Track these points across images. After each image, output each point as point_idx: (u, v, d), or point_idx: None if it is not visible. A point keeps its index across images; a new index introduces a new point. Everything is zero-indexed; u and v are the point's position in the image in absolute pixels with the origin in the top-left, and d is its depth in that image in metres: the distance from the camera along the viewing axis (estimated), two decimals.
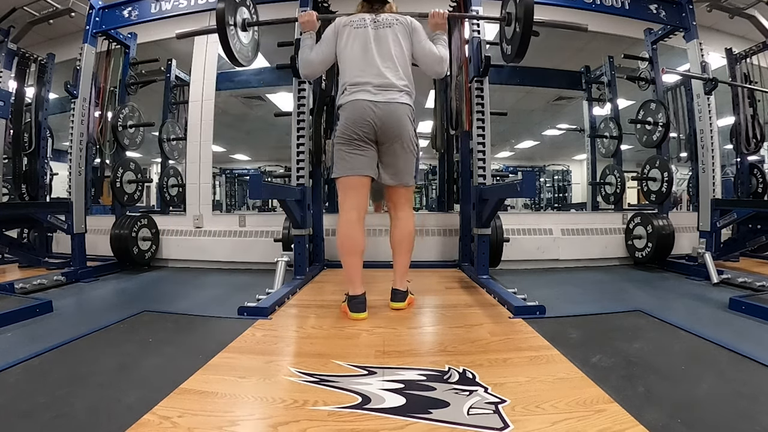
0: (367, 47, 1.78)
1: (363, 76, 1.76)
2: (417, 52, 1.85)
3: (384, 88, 1.75)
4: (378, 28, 1.81)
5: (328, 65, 1.94)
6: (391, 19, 1.83)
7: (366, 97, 1.74)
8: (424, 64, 1.87)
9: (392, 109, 1.75)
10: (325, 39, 1.87)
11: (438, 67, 1.84)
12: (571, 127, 6.73)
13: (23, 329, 1.72)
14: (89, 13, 2.98)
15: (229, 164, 9.14)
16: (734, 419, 0.87)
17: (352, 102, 1.76)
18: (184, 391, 1.02)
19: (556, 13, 3.55)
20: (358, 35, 1.80)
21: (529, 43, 1.81)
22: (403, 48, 1.82)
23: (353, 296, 1.73)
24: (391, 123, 1.75)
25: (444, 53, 1.84)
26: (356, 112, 1.75)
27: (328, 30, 1.87)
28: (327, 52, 1.86)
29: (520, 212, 4.92)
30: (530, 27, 1.77)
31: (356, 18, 1.84)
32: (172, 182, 3.97)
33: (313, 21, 1.90)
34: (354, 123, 1.75)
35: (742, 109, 3.40)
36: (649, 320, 1.61)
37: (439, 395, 1.00)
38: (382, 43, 1.79)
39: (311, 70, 1.92)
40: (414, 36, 1.84)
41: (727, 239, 3.16)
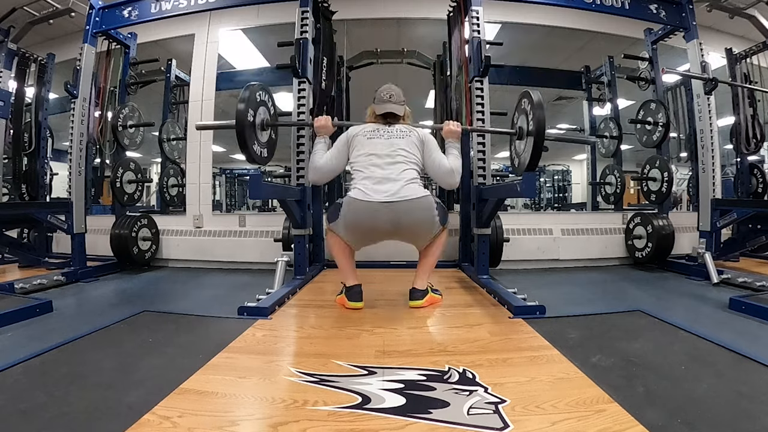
0: (380, 155, 1.80)
1: (375, 172, 1.77)
2: (428, 164, 1.87)
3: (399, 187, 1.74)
4: (391, 138, 1.84)
5: (336, 173, 1.97)
6: (405, 131, 1.87)
7: (378, 198, 1.72)
8: (435, 176, 1.90)
9: (412, 206, 1.74)
10: (337, 146, 1.90)
11: (450, 179, 1.85)
12: (571, 127, 6.72)
13: (23, 329, 1.72)
14: (89, 13, 2.98)
15: (229, 164, 9.12)
16: (734, 419, 0.87)
17: (363, 202, 1.72)
18: (184, 391, 1.02)
19: (556, 13, 3.57)
20: (371, 144, 1.83)
21: (541, 156, 1.82)
22: (416, 157, 1.84)
23: (350, 287, 1.83)
24: (414, 221, 1.76)
25: (455, 164, 1.85)
26: (367, 213, 1.73)
27: (341, 139, 1.91)
28: (338, 160, 1.89)
29: (520, 212, 4.91)
30: (542, 142, 1.79)
31: (369, 128, 1.88)
32: (172, 182, 3.97)
33: (329, 126, 1.96)
34: (363, 224, 1.76)
35: (742, 109, 3.39)
36: (649, 320, 1.61)
37: (439, 395, 0.99)
38: (394, 150, 1.81)
39: (320, 176, 1.94)
40: (425, 148, 1.87)
41: (727, 239, 3.16)
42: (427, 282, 1.91)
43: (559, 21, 3.66)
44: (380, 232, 1.79)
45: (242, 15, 3.58)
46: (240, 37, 3.85)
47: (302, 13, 2.49)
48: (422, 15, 3.69)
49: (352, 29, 3.70)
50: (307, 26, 2.48)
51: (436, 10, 3.35)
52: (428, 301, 1.87)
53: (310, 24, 2.52)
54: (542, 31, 3.80)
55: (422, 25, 3.86)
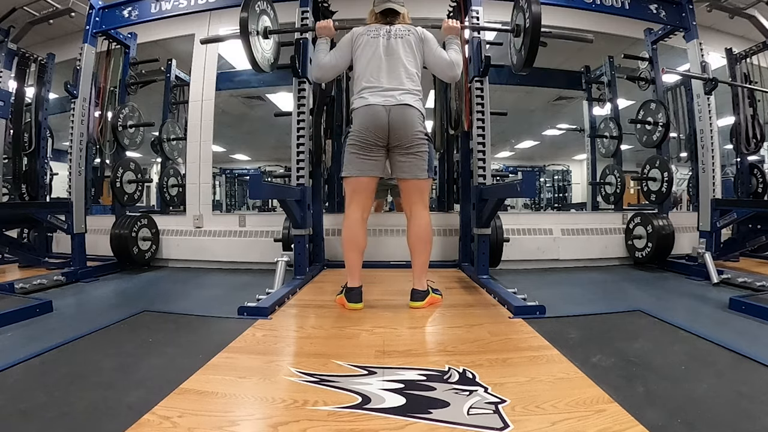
0: (381, 55, 1.87)
1: (376, 81, 1.86)
2: (429, 59, 1.93)
3: (395, 92, 1.83)
4: (391, 38, 1.90)
5: (339, 71, 2.06)
6: (404, 30, 1.92)
7: (379, 101, 1.81)
8: (436, 70, 1.96)
9: (403, 111, 1.82)
10: (340, 46, 1.96)
11: (450, 71, 1.92)
12: (571, 127, 6.73)
13: (23, 329, 1.71)
14: (89, 13, 2.97)
15: (229, 164, 9.13)
16: (734, 419, 0.87)
17: (366, 107, 1.83)
18: (184, 391, 1.02)
19: (556, 13, 3.55)
20: (373, 44, 1.90)
21: (537, 52, 1.88)
22: (415, 56, 1.90)
23: (351, 288, 1.85)
24: (402, 126, 1.82)
25: (456, 57, 1.91)
26: (369, 116, 1.82)
27: (345, 38, 1.97)
28: (341, 58, 1.95)
29: (520, 212, 4.92)
30: (538, 38, 1.83)
31: (372, 28, 1.93)
32: (172, 182, 3.97)
33: (330, 28, 2.02)
34: (367, 128, 1.82)
35: (742, 109, 3.39)
36: (649, 320, 1.61)
37: (439, 395, 0.99)
38: (394, 52, 1.88)
39: (323, 73, 2.01)
40: (425, 45, 1.92)
41: (727, 239, 3.16)
42: (426, 281, 1.91)
43: (559, 21, 3.65)
44: (379, 131, 1.81)
45: None
46: None
47: (302, 13, 2.49)
48: (422, 15, 3.67)
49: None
50: (307, 26, 2.48)
51: (436, 10, 3.34)
52: (429, 302, 1.87)
53: (310, 24, 2.52)
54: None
55: (422, 25, 3.85)
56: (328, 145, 3.14)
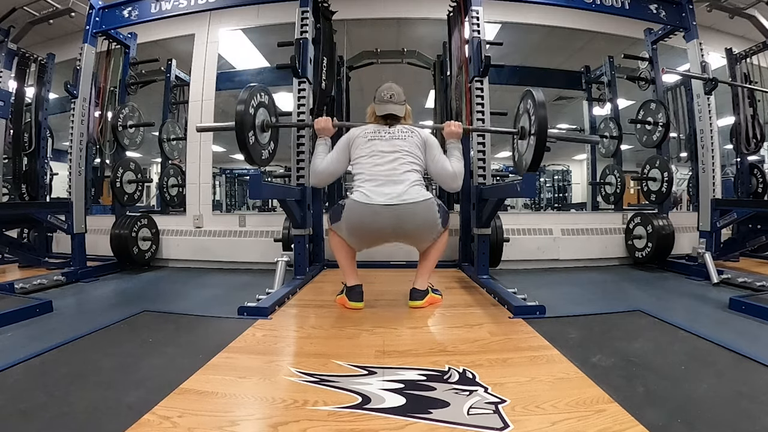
0: (382, 155, 1.80)
1: (377, 174, 1.77)
2: (431, 166, 1.86)
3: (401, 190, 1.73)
4: (392, 139, 1.83)
5: (337, 176, 1.96)
6: (406, 132, 1.86)
7: (380, 200, 1.71)
8: (438, 179, 1.90)
9: (415, 210, 1.73)
10: (338, 148, 1.89)
11: (453, 183, 1.85)
12: (571, 127, 6.72)
13: (23, 329, 1.71)
14: (89, 13, 2.97)
15: (229, 164, 9.12)
16: (734, 419, 0.87)
17: (365, 205, 1.72)
18: (184, 391, 1.02)
19: (556, 13, 3.57)
20: (373, 145, 1.83)
21: (543, 156, 1.82)
22: (418, 158, 1.83)
23: (351, 287, 1.84)
24: (416, 224, 1.76)
25: (458, 168, 1.84)
26: (370, 217, 1.73)
27: (342, 140, 1.90)
28: (339, 162, 1.88)
29: (520, 212, 4.91)
30: (544, 143, 1.78)
31: (371, 129, 1.87)
32: (172, 182, 3.97)
33: (329, 128, 1.94)
34: (365, 227, 1.76)
35: (742, 109, 3.39)
36: (649, 320, 1.61)
37: (439, 395, 0.99)
38: (395, 149, 1.81)
39: (319, 180, 1.93)
40: (428, 150, 1.86)
41: (727, 239, 3.16)
42: (427, 282, 1.91)
43: (559, 21, 3.66)
44: (382, 234, 1.79)
45: (242, 15, 3.58)
46: (240, 37, 3.84)
47: (302, 13, 2.49)
48: (422, 15, 3.68)
49: (352, 29, 3.70)
50: (307, 26, 2.48)
51: (436, 10, 3.35)
52: (428, 302, 1.88)
53: (310, 24, 2.53)
54: (542, 31, 3.80)
55: (422, 25, 3.86)
56: None
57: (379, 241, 1.86)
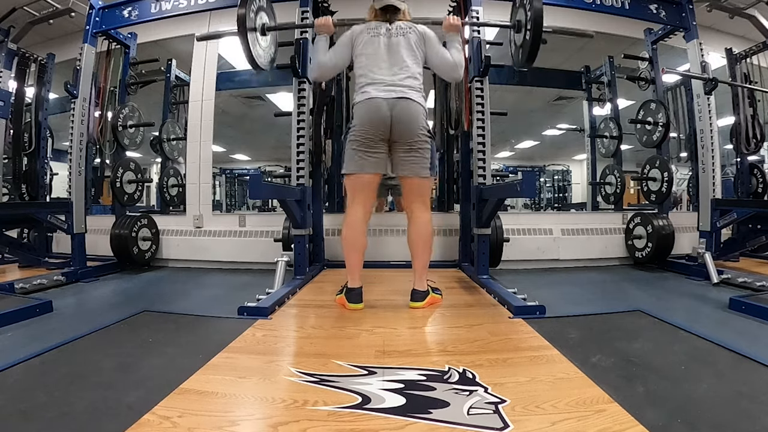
0: (382, 53, 1.84)
1: (377, 76, 1.82)
2: (431, 59, 1.90)
3: (398, 87, 1.80)
4: (392, 36, 1.87)
5: (339, 70, 2.01)
6: (405, 28, 1.89)
7: (381, 94, 1.79)
8: (439, 71, 1.93)
9: (406, 105, 1.79)
10: (340, 43, 1.92)
11: (453, 73, 1.90)
12: (571, 127, 6.72)
13: (23, 329, 1.71)
14: (89, 13, 2.97)
15: (229, 164, 9.13)
16: (734, 419, 0.87)
17: (367, 101, 1.80)
18: (184, 391, 1.02)
19: (556, 13, 3.55)
20: (374, 42, 1.87)
21: (539, 48, 1.86)
22: (417, 54, 1.87)
23: (351, 288, 1.84)
24: (404, 120, 1.80)
25: (458, 58, 1.88)
26: (371, 110, 1.79)
27: (344, 36, 1.93)
28: (341, 56, 1.92)
29: (520, 212, 4.92)
30: (540, 33, 1.82)
31: (372, 25, 1.90)
32: (172, 182, 3.97)
33: (329, 25, 1.97)
34: (368, 122, 1.80)
35: (742, 109, 3.39)
36: (649, 320, 1.61)
37: (439, 395, 0.99)
38: (396, 49, 1.85)
39: (322, 72, 1.98)
40: (427, 44, 1.89)
41: (727, 239, 3.16)
42: (426, 281, 1.91)
43: (559, 21, 3.64)
44: (383, 125, 1.78)
45: None
46: None
47: (302, 13, 2.50)
48: (422, 15, 3.65)
49: None
50: (307, 23, 2.47)
51: (436, 10, 3.34)
52: (429, 302, 1.87)
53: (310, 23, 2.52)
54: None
55: (422, 23, 3.85)
56: (328, 145, 3.14)
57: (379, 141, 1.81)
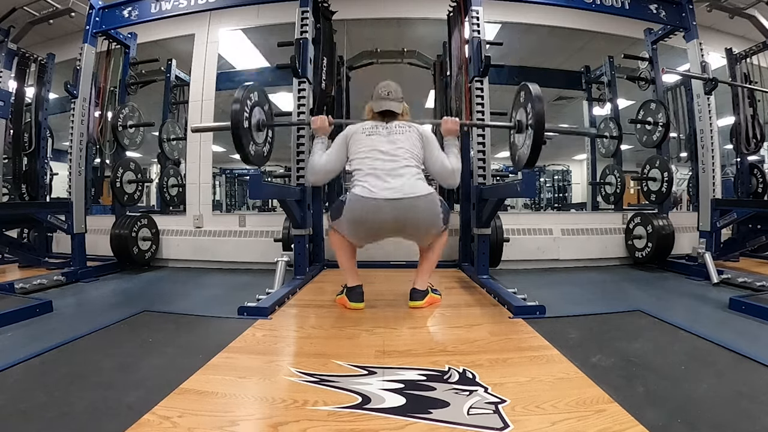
0: (382, 144, 1.79)
1: (377, 165, 1.75)
2: (429, 163, 1.85)
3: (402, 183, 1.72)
4: (390, 134, 1.82)
5: (335, 174, 1.95)
6: (404, 126, 1.85)
7: (383, 194, 1.69)
8: (436, 175, 1.89)
9: (417, 204, 1.72)
10: (335, 146, 1.88)
11: (451, 180, 1.86)
12: (571, 127, 6.72)
13: (23, 329, 1.71)
14: (89, 13, 2.97)
15: (229, 164, 9.13)
16: (734, 419, 0.87)
17: (367, 199, 1.70)
18: (184, 391, 1.02)
19: (556, 13, 3.57)
20: (371, 141, 1.81)
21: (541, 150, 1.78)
22: (416, 151, 1.82)
23: (351, 287, 1.84)
24: (419, 219, 1.74)
25: (456, 165, 1.85)
26: (372, 212, 1.70)
27: (340, 137, 1.89)
28: (337, 159, 1.86)
29: (520, 212, 4.91)
30: (542, 137, 1.76)
31: (368, 125, 1.86)
32: (172, 182, 3.97)
33: (326, 127, 1.94)
34: (368, 221, 1.73)
35: (742, 109, 3.39)
36: (649, 320, 1.61)
37: (439, 395, 0.99)
38: (395, 143, 1.80)
39: (317, 178, 1.92)
40: (426, 146, 1.85)
41: (727, 239, 3.16)
42: (427, 282, 1.91)
43: (559, 21, 3.66)
44: (384, 229, 1.77)
45: (242, 15, 3.58)
46: (240, 37, 3.84)
47: (302, 13, 2.49)
48: (422, 15, 3.69)
49: (352, 29, 3.70)
50: (307, 26, 2.48)
51: (436, 10, 3.35)
52: (428, 302, 1.88)
53: (310, 24, 2.53)
54: (542, 31, 3.79)
55: (422, 25, 3.86)
56: None
57: (380, 235, 1.84)
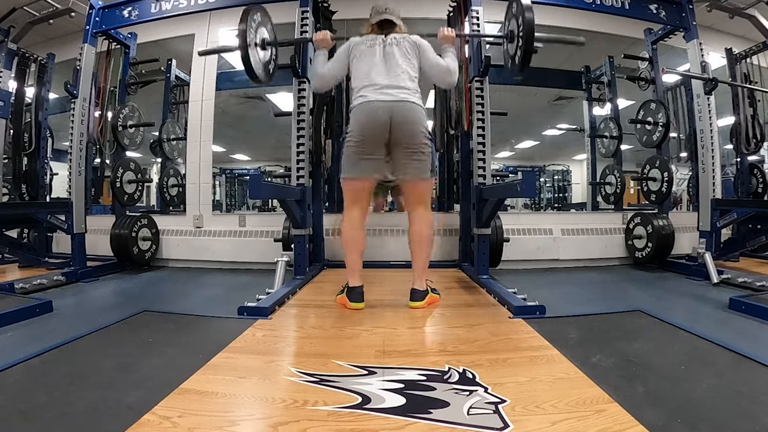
0: (378, 59, 1.88)
1: (374, 80, 1.84)
2: (425, 65, 1.93)
3: (396, 90, 1.81)
4: (387, 45, 1.91)
5: (338, 80, 2.08)
6: (400, 38, 1.93)
7: (378, 98, 1.80)
8: (433, 76, 1.95)
9: (404, 107, 1.80)
10: (337, 56, 1.98)
11: (447, 77, 1.92)
12: (571, 127, 6.72)
13: (23, 329, 1.71)
14: (89, 13, 2.97)
15: (229, 164, 9.13)
16: (734, 419, 0.87)
17: (364, 104, 1.81)
18: (184, 391, 1.02)
19: (556, 13, 3.56)
20: (370, 52, 1.90)
21: (531, 58, 1.89)
22: (411, 61, 1.90)
23: (352, 287, 1.85)
24: (403, 122, 1.80)
25: (452, 64, 1.92)
26: (369, 114, 1.80)
27: (341, 48, 1.99)
28: (339, 67, 1.97)
29: (520, 212, 4.92)
30: (532, 44, 1.85)
31: (368, 37, 1.95)
32: (172, 182, 3.97)
33: (327, 40, 2.04)
34: (366, 126, 1.80)
35: (742, 109, 3.39)
36: (649, 320, 1.61)
37: (439, 395, 0.99)
38: (391, 56, 1.88)
39: (322, 83, 2.03)
40: (421, 52, 1.93)
41: (727, 239, 3.16)
42: (426, 282, 1.91)
43: (559, 21, 3.66)
44: (381, 131, 1.79)
45: None
46: None
47: (302, 13, 2.50)
48: (422, 15, 3.68)
49: (352, 29, 3.69)
50: (307, 26, 2.48)
51: (436, 10, 3.35)
52: (428, 302, 1.88)
53: (310, 24, 2.53)
54: (542, 31, 3.78)
55: (422, 25, 3.85)
56: (328, 145, 3.14)
57: (380, 149, 1.82)
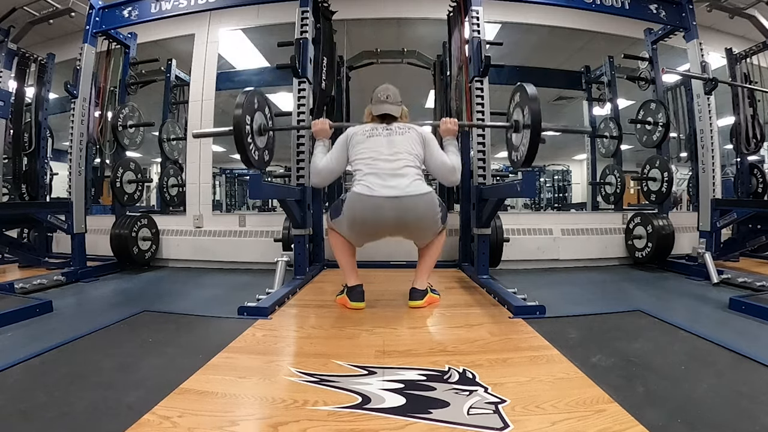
0: (382, 145, 1.80)
1: (378, 164, 1.76)
2: (429, 160, 1.87)
3: (400, 179, 1.74)
4: (390, 135, 1.83)
5: (337, 175, 1.96)
6: (404, 128, 1.87)
7: (383, 192, 1.71)
8: (436, 173, 1.90)
9: (414, 202, 1.73)
10: (336, 147, 1.89)
11: (451, 176, 1.87)
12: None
13: (23, 329, 1.71)
14: (89, 13, 2.98)
15: (229, 164, 9.13)
16: (734, 419, 0.87)
17: (366, 197, 1.72)
18: (184, 391, 1.02)
19: (556, 13, 3.57)
20: (371, 141, 1.82)
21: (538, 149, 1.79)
22: (417, 150, 1.83)
23: (352, 287, 1.84)
24: (415, 219, 1.76)
25: (456, 162, 1.87)
26: (373, 210, 1.72)
27: (340, 139, 1.90)
28: (337, 160, 1.87)
29: (520, 212, 4.91)
30: (538, 136, 1.76)
31: (368, 127, 1.88)
32: (172, 182, 3.97)
33: (326, 129, 1.95)
34: (367, 218, 1.74)
35: (742, 109, 3.39)
36: (649, 320, 1.61)
37: (439, 395, 1.00)
38: (395, 144, 1.81)
39: (320, 179, 1.91)
40: (426, 145, 1.86)
41: (727, 239, 3.16)
42: (426, 282, 1.92)
43: (559, 21, 3.66)
44: (384, 227, 1.78)
45: (242, 15, 3.58)
46: (240, 37, 3.84)
47: (302, 13, 2.49)
48: (422, 15, 3.69)
49: (352, 29, 3.70)
50: (307, 26, 2.48)
51: (436, 10, 3.35)
52: (428, 302, 1.88)
53: (310, 24, 2.53)
54: (542, 31, 3.80)
55: (422, 25, 3.86)
56: None
57: (379, 234, 1.85)
